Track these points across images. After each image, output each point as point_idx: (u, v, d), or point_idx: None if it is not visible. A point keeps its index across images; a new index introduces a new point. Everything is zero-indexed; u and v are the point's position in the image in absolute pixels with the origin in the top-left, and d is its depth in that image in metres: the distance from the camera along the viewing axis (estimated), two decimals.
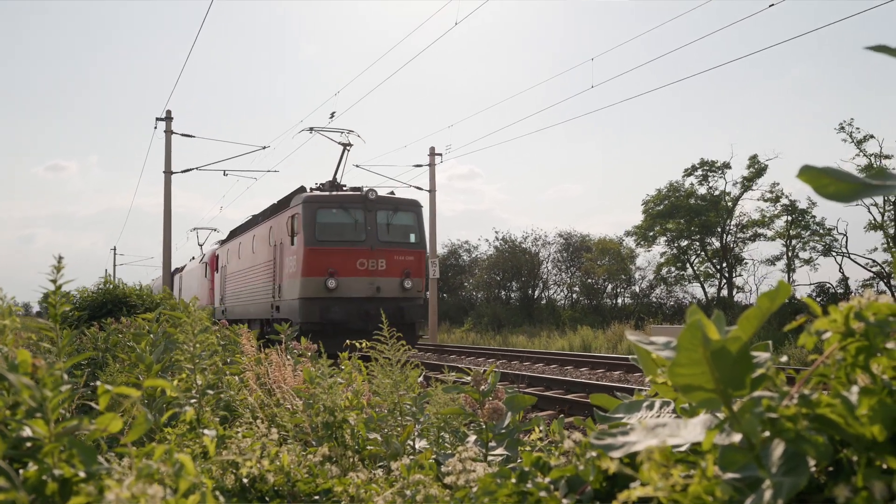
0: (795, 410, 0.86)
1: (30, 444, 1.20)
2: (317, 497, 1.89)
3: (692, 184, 31.67)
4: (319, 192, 18.25)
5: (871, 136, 25.87)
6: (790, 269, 29.43)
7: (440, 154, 29.45)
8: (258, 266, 20.38)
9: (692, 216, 30.92)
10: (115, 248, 70.07)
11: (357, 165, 36.12)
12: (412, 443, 2.63)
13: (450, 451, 2.28)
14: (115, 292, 12.36)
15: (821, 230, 28.67)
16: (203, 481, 1.19)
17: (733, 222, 31.11)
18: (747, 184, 30.31)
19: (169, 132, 25.98)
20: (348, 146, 19.51)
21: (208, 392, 2.88)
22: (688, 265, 32.61)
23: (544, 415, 9.85)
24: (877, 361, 0.91)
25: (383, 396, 2.89)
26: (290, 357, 4.29)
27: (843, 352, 0.93)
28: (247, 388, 3.47)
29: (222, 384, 3.34)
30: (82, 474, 1.17)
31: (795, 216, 29.12)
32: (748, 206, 39.91)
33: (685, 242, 32.16)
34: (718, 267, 31.57)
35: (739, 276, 31.57)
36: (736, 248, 31.12)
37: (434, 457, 2.10)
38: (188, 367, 2.89)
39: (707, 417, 0.94)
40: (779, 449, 0.83)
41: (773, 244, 31.76)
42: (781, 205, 29.47)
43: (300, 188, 19.17)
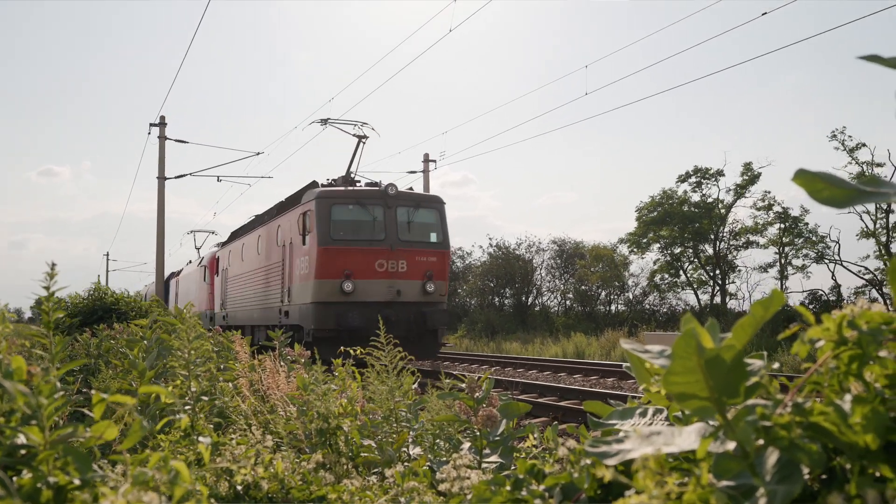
0: (789, 418, 0.86)
1: (24, 451, 1.20)
2: None
3: (686, 191, 31.78)
4: (333, 186, 16.78)
5: (864, 145, 25.99)
6: (783, 276, 29.52)
7: (434, 161, 29.46)
8: (264, 268, 19.07)
9: (685, 223, 30.99)
10: (108, 254, 69.84)
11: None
12: (407, 450, 2.63)
13: (444, 458, 2.28)
14: (103, 300, 12.11)
15: (813, 237, 28.79)
16: (198, 489, 1.19)
17: (726, 229, 31.21)
18: (740, 191, 30.42)
19: (163, 138, 25.92)
20: (363, 138, 17.99)
21: (202, 398, 2.87)
22: (681, 272, 32.67)
23: (538, 421, 9.84)
24: (870, 370, 0.91)
25: (378, 403, 2.88)
26: (283, 363, 4.28)
27: (836, 360, 0.94)
28: (240, 395, 3.46)
29: (216, 391, 3.34)
30: (77, 482, 1.16)
31: (788, 224, 29.23)
32: (741, 214, 40.09)
33: (678, 249, 32.22)
34: (712, 274, 31.64)
35: (732, 283, 31.65)
36: (729, 256, 31.21)
37: (428, 464, 2.10)
38: (183, 373, 2.88)
39: (701, 425, 0.95)
40: (773, 457, 0.83)
41: (766, 251, 31.89)
42: (774, 212, 29.60)
43: (312, 183, 17.84)
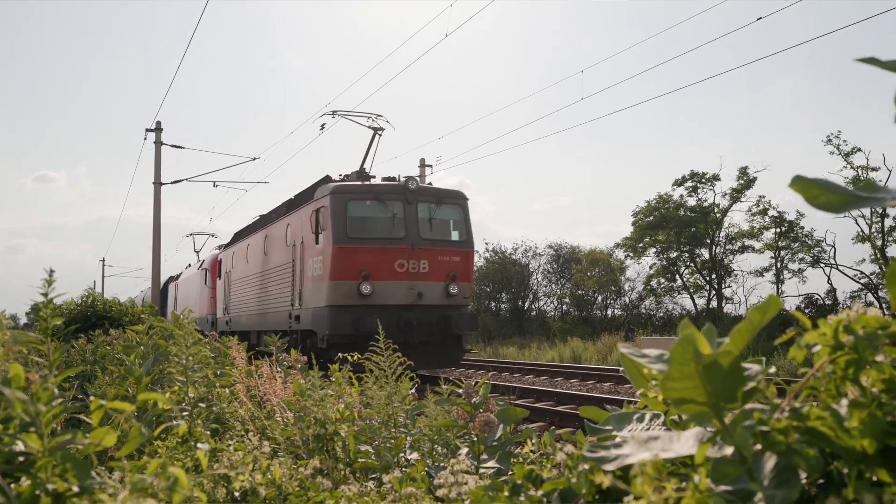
0: (786, 423, 0.87)
1: (23, 458, 1.20)
2: None
3: (682, 195, 31.84)
4: (348, 181, 15.61)
5: (859, 149, 26.12)
6: (779, 280, 29.57)
7: (430, 165, 29.47)
8: (272, 270, 17.90)
9: (681, 228, 31.03)
10: (104, 260, 69.35)
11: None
12: (404, 455, 2.63)
13: (442, 463, 2.28)
14: (95, 307, 11.75)
15: (809, 242, 28.86)
16: (197, 495, 1.19)
17: (722, 234, 31.27)
18: (736, 195, 30.48)
19: (159, 143, 25.87)
20: (379, 130, 16.79)
21: (200, 405, 2.86)
22: (677, 276, 32.70)
23: (535, 426, 9.83)
24: (866, 374, 0.92)
25: (376, 409, 2.88)
26: (280, 369, 4.28)
27: (832, 365, 0.95)
28: (237, 401, 3.46)
29: (213, 397, 3.33)
30: (76, 489, 1.16)
31: (784, 228, 29.29)
32: (737, 218, 40.17)
33: (674, 254, 32.26)
34: (708, 278, 31.68)
35: (728, 287, 31.70)
36: (725, 260, 31.26)
37: (426, 469, 2.10)
38: (180, 379, 2.88)
39: (699, 430, 0.95)
40: (770, 462, 0.84)
41: (761, 256, 31.95)
42: (770, 216, 29.66)
43: (325, 177, 16.65)
